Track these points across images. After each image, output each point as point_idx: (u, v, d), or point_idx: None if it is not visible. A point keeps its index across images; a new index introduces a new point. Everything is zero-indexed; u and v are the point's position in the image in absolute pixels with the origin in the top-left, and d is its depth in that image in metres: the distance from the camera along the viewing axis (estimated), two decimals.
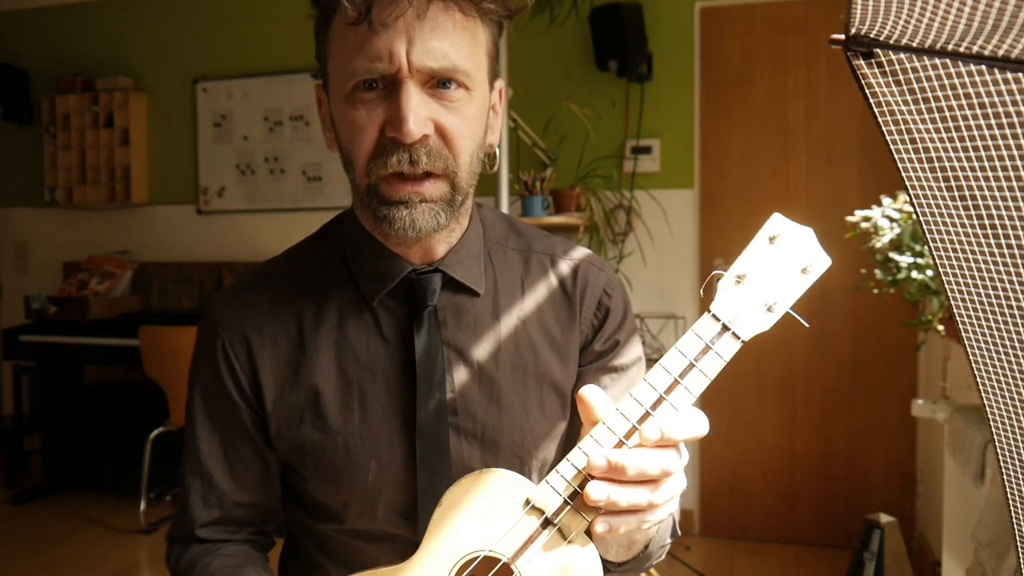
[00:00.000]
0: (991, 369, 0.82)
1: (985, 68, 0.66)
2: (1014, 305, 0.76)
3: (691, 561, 3.18)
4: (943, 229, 0.77)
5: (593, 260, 0.95)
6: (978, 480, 1.91)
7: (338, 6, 0.74)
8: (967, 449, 2.00)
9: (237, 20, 4.21)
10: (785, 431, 3.49)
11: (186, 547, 0.90)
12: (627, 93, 3.55)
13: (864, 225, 2.28)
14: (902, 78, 0.71)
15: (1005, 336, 0.79)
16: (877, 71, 0.72)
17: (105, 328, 3.88)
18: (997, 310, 0.78)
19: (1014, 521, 0.90)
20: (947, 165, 0.73)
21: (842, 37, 0.72)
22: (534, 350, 0.90)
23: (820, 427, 3.45)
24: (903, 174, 0.77)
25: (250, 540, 0.92)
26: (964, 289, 0.79)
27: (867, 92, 0.74)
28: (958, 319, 0.82)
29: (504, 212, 0.98)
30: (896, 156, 0.76)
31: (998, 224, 0.73)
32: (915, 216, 0.78)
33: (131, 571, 3.22)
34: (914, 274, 2.12)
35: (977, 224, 0.74)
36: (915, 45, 0.69)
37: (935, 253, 0.79)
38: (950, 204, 0.75)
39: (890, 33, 0.69)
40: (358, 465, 0.85)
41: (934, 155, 0.73)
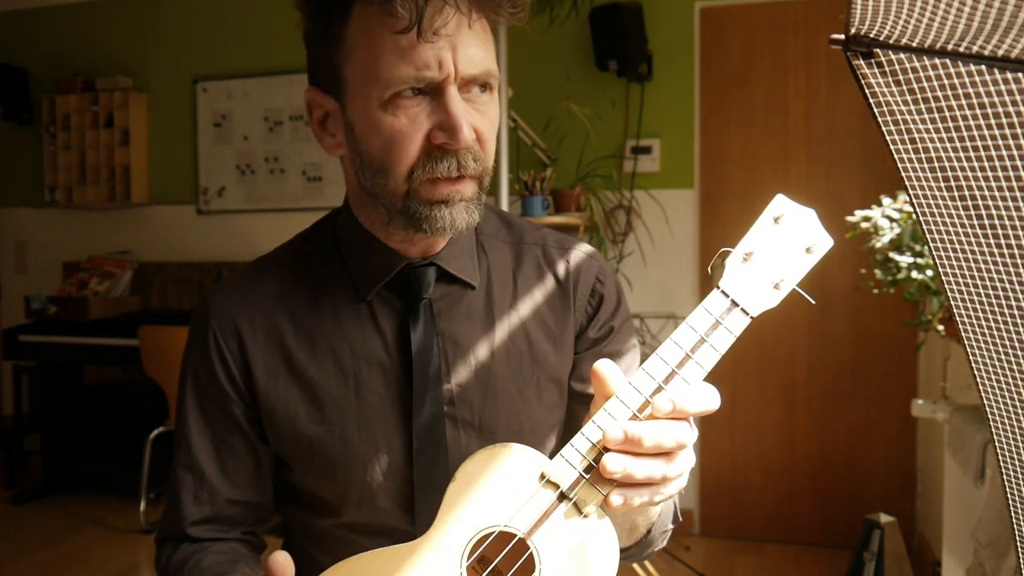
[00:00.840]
0: (991, 369, 0.82)
1: (985, 68, 0.66)
2: (1014, 305, 0.76)
3: (691, 561, 3.17)
4: (943, 229, 0.77)
5: (584, 249, 0.96)
6: (978, 480, 1.92)
7: (388, 13, 0.72)
8: (967, 449, 2.00)
9: (237, 20, 4.21)
10: (785, 431, 3.49)
11: (177, 546, 0.88)
12: (627, 93, 3.55)
13: (864, 225, 2.28)
14: (902, 78, 0.71)
15: (1005, 336, 0.79)
16: (877, 71, 0.72)
17: (105, 328, 3.88)
18: (997, 310, 0.78)
19: (1014, 521, 0.90)
20: (947, 165, 0.73)
21: (842, 37, 0.72)
22: (529, 339, 0.90)
23: (820, 427, 3.45)
24: (903, 174, 0.77)
25: (242, 540, 0.91)
26: (964, 289, 0.79)
27: (867, 92, 0.74)
28: (958, 319, 0.82)
29: (494, 206, 0.99)
30: (896, 156, 0.76)
31: (998, 224, 0.73)
32: (915, 216, 0.78)
33: (131, 571, 3.22)
34: (914, 274, 2.12)
35: (977, 224, 0.74)
36: (915, 45, 0.69)
37: (935, 253, 0.79)
38: (950, 204, 0.75)
39: (890, 33, 0.69)
40: (356, 457, 0.85)
41: (934, 155, 0.73)
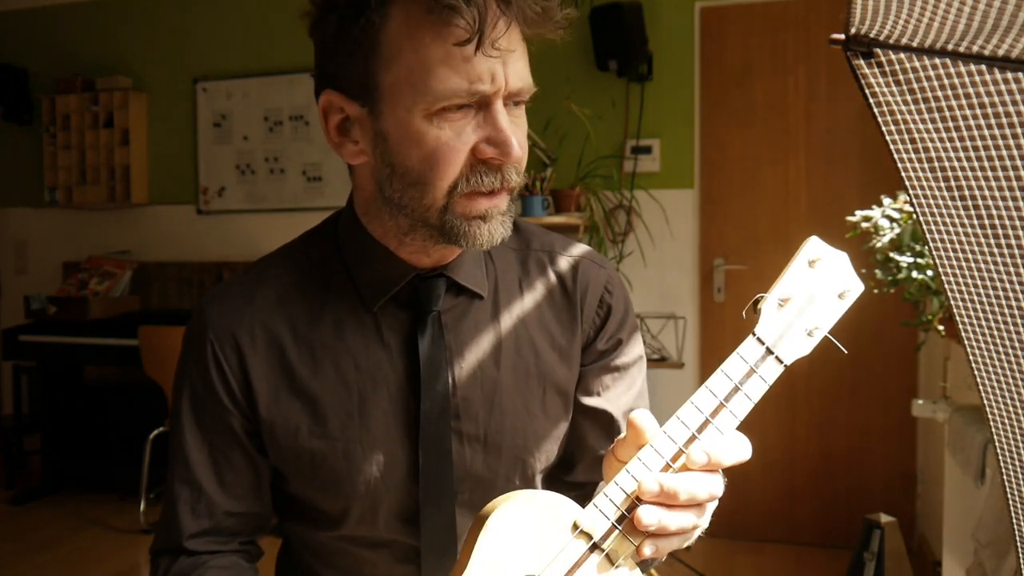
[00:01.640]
0: (991, 369, 0.82)
1: (985, 68, 0.66)
2: (1014, 305, 0.76)
3: (691, 561, 3.17)
4: (943, 229, 0.77)
5: (593, 257, 0.94)
6: (978, 480, 1.91)
7: (445, 23, 0.70)
8: (967, 449, 2.00)
9: (237, 20, 4.21)
10: (785, 431, 3.49)
11: (174, 560, 0.86)
12: (627, 93, 3.54)
13: (864, 225, 2.27)
14: (902, 78, 0.71)
15: (1005, 336, 0.79)
16: (877, 71, 0.72)
17: (105, 328, 3.87)
18: (997, 310, 0.78)
19: (1014, 521, 0.90)
20: (947, 165, 0.73)
21: (842, 37, 0.72)
22: (535, 351, 0.89)
23: (820, 427, 3.44)
24: (903, 174, 0.77)
25: (240, 551, 0.89)
26: (964, 289, 0.79)
27: (867, 92, 0.74)
28: (958, 319, 0.82)
29: None
30: (896, 156, 0.76)
31: (998, 224, 0.73)
32: (915, 216, 0.78)
33: (131, 571, 3.22)
34: (914, 274, 2.11)
35: (977, 224, 0.74)
36: (915, 45, 0.69)
37: (935, 253, 0.79)
38: (950, 204, 0.75)
39: (890, 33, 0.69)
40: (359, 471, 0.83)
41: (934, 155, 0.73)
